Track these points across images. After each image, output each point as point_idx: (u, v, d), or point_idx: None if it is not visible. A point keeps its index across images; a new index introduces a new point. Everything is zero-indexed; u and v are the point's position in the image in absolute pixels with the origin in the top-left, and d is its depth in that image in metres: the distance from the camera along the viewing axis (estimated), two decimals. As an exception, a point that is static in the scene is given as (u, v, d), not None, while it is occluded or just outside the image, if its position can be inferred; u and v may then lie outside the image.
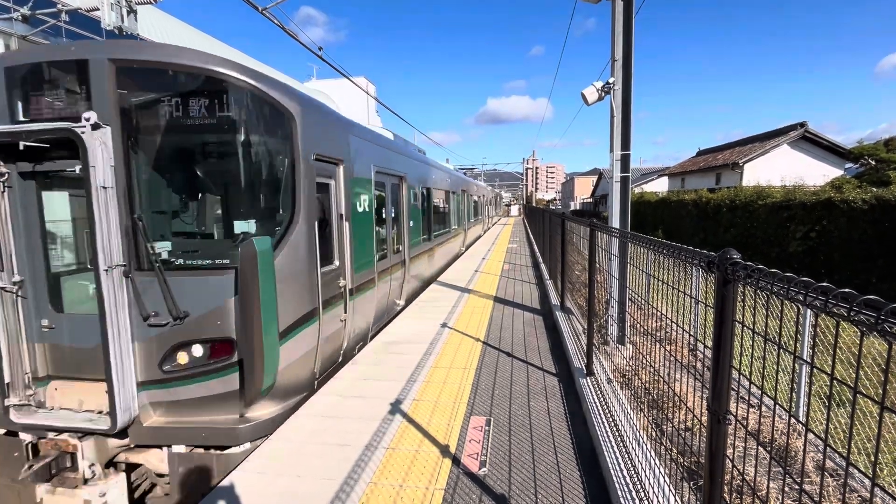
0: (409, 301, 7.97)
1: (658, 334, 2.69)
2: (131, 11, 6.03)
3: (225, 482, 2.93)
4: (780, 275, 1.22)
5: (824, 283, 1.05)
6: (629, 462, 2.75)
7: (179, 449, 3.51)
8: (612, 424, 3.21)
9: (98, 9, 5.91)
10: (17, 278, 3.42)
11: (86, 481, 3.35)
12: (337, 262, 4.69)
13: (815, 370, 1.24)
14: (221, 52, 3.37)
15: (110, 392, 3.17)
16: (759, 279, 1.31)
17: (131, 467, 3.76)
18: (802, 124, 22.73)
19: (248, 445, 3.52)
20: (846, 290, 0.99)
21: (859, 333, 0.98)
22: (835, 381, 1.10)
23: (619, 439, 3.01)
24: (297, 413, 3.87)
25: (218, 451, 3.54)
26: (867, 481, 3.07)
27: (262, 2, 6.27)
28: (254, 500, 2.75)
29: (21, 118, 3.37)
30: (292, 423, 3.70)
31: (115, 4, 5.86)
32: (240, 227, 3.60)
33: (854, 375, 1.00)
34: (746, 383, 4.11)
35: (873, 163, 19.73)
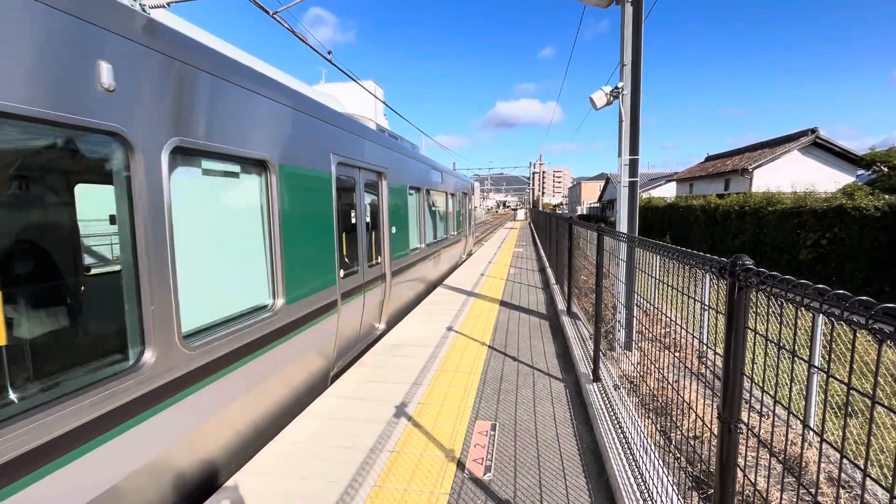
0: None
1: (665, 340, 2.66)
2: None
3: (229, 483, 2.93)
4: (795, 281, 1.20)
5: (841, 290, 1.03)
6: (636, 469, 2.72)
7: None
8: (619, 431, 3.18)
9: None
10: None
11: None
12: None
13: (829, 379, 1.21)
14: (232, 55, 3.31)
15: None
16: (772, 286, 1.29)
17: None
18: (813, 130, 22.50)
19: None
20: (863, 297, 0.97)
21: (877, 342, 0.96)
22: (849, 391, 1.08)
23: (626, 446, 2.98)
24: (301, 415, 3.87)
25: None
26: (886, 495, 3.01)
27: (272, 6, 6.33)
28: (258, 501, 2.75)
29: None
30: (297, 424, 3.70)
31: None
32: None
33: (866, 385, 0.98)
34: (754, 390, 4.05)
35: (886, 169, 19.50)
